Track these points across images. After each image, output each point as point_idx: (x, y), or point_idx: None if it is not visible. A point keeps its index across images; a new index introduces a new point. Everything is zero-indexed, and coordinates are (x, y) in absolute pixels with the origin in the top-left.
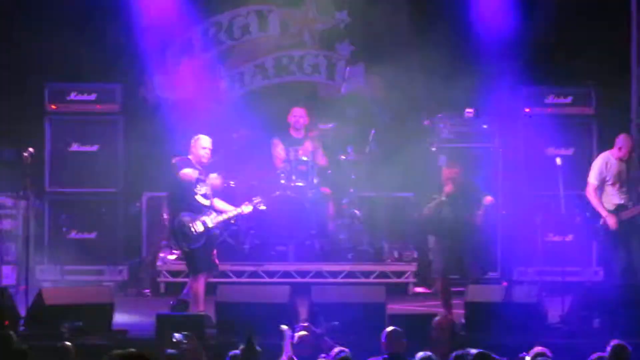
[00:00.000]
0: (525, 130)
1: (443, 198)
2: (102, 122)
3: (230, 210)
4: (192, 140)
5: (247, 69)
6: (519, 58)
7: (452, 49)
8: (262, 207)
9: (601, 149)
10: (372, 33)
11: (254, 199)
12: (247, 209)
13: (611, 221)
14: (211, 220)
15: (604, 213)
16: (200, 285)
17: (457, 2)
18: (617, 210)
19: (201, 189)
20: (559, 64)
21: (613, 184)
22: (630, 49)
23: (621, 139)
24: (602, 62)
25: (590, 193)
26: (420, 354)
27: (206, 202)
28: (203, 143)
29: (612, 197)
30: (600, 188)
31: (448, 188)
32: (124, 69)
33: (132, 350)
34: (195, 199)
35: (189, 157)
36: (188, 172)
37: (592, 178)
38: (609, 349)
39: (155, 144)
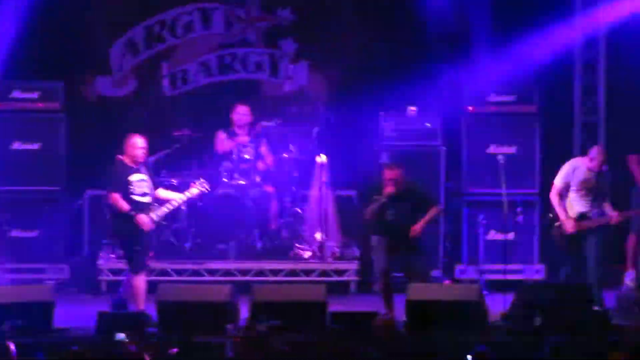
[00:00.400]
0: (467, 128)
1: (384, 199)
2: (44, 120)
3: (174, 199)
4: (125, 141)
5: (190, 67)
6: (461, 56)
7: (396, 46)
8: (206, 188)
9: (544, 147)
10: (315, 31)
11: (197, 181)
12: (194, 191)
13: (568, 225)
14: (157, 215)
15: (562, 216)
16: (142, 282)
17: (401, 0)
18: (579, 218)
19: (137, 189)
20: (501, 61)
21: (577, 191)
22: (573, 44)
23: (594, 151)
24: (545, 59)
25: (553, 195)
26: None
27: (145, 199)
28: (137, 143)
29: (575, 204)
30: (565, 193)
31: (389, 189)
32: (67, 67)
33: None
34: (133, 199)
35: (123, 157)
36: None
37: (557, 180)
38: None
39: (97, 142)
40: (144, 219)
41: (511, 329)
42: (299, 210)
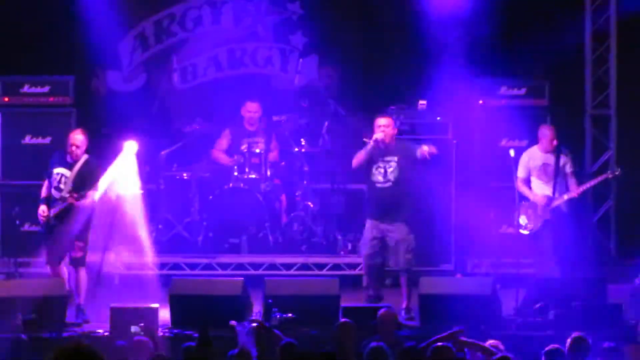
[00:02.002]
0: (478, 122)
1: (372, 143)
2: (54, 114)
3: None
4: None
5: (200, 61)
6: (472, 49)
7: (406, 40)
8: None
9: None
10: (325, 24)
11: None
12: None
13: (541, 200)
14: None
15: (531, 197)
16: (64, 274)
17: None
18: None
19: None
20: (512, 55)
21: (538, 177)
22: (584, 38)
23: (539, 131)
24: (556, 52)
25: (518, 185)
26: (372, 344)
27: (56, 194)
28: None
29: (538, 189)
30: (528, 181)
31: (379, 136)
32: (77, 62)
33: (76, 344)
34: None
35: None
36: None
37: (519, 172)
38: (569, 340)
39: (107, 137)
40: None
41: (524, 323)
42: (310, 205)
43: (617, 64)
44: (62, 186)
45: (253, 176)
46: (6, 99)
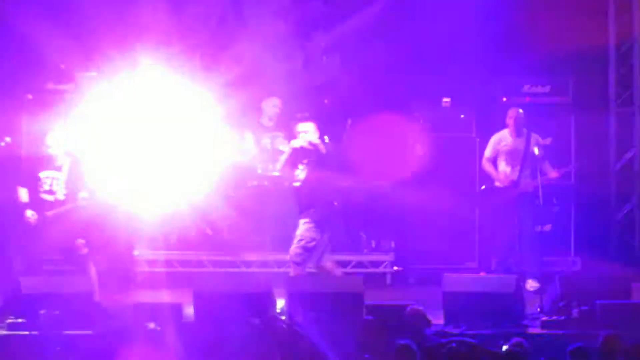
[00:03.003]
0: (502, 120)
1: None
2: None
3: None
4: None
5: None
6: (496, 47)
7: (429, 38)
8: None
9: (579, 138)
10: (348, 22)
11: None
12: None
13: (503, 179)
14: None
15: (494, 175)
16: None
17: None
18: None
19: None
20: (536, 52)
21: (505, 160)
22: (607, 36)
23: (507, 114)
24: (579, 50)
25: (484, 164)
26: (399, 342)
27: (49, 198)
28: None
29: (505, 172)
30: (495, 162)
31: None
32: None
33: None
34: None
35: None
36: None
37: (486, 151)
38: (600, 339)
39: None
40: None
41: (548, 321)
42: (334, 202)
43: None
44: (55, 189)
45: (276, 174)
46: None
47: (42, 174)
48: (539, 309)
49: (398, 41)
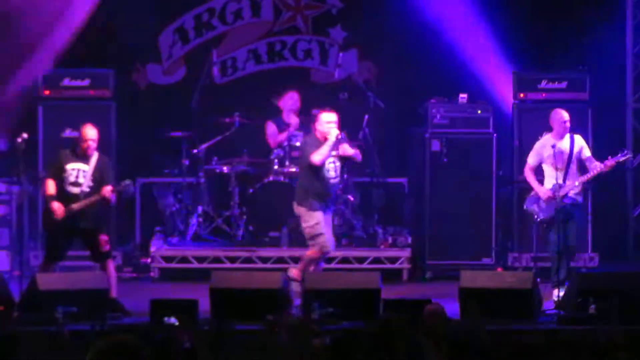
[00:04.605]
0: (519, 116)
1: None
2: (94, 107)
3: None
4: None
5: (240, 55)
6: (513, 42)
7: (446, 33)
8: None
9: (596, 135)
10: (364, 18)
11: (121, 182)
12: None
13: (544, 194)
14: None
15: (535, 186)
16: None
17: None
18: (554, 188)
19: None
20: (553, 49)
21: (550, 164)
22: (625, 32)
23: (551, 115)
24: (597, 45)
25: (526, 172)
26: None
27: (75, 190)
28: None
29: (549, 177)
30: (539, 168)
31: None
32: (117, 55)
33: (118, 340)
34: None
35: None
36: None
37: (530, 159)
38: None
39: (147, 130)
40: (54, 206)
41: (565, 317)
42: (351, 198)
43: None
44: (80, 181)
45: (293, 169)
46: (47, 92)
47: (68, 166)
48: (555, 306)
49: (415, 36)
